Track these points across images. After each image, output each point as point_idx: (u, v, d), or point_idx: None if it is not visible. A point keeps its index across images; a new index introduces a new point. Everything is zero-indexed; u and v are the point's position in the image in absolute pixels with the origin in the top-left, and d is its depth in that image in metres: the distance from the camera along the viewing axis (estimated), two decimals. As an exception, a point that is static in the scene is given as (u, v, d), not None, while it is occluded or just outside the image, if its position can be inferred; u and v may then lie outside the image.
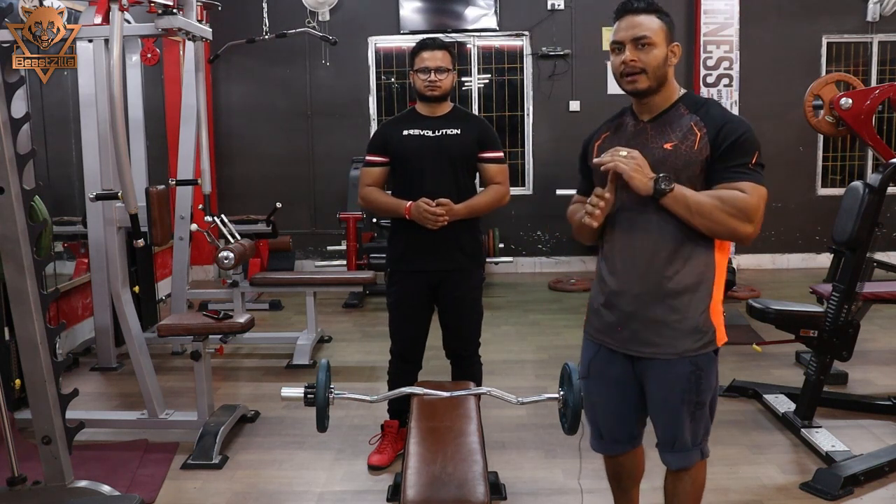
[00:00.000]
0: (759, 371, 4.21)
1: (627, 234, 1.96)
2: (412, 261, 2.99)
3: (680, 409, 1.99)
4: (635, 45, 1.89)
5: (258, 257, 5.77)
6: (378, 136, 3.06)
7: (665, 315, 1.94)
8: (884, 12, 6.97)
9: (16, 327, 2.52)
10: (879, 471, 2.92)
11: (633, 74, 1.90)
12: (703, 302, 1.95)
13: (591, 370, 2.11)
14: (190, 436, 3.31)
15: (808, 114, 4.91)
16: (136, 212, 3.15)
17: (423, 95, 2.95)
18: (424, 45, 2.93)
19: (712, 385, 2.01)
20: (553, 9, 7.06)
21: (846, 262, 3.31)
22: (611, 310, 2.02)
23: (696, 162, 1.89)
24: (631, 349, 2.01)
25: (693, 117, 1.92)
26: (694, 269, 1.93)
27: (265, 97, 7.34)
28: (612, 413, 2.15)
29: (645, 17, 1.90)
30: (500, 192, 3.00)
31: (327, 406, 2.28)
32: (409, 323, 3.07)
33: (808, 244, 7.33)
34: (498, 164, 3.01)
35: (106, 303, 4.21)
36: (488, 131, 3.04)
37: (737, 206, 1.83)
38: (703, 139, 1.89)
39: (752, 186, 1.85)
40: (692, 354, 1.95)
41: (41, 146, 4.35)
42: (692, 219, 1.86)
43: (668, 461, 2.10)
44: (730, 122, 1.90)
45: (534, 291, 6.56)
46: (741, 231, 1.86)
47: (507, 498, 2.83)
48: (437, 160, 2.92)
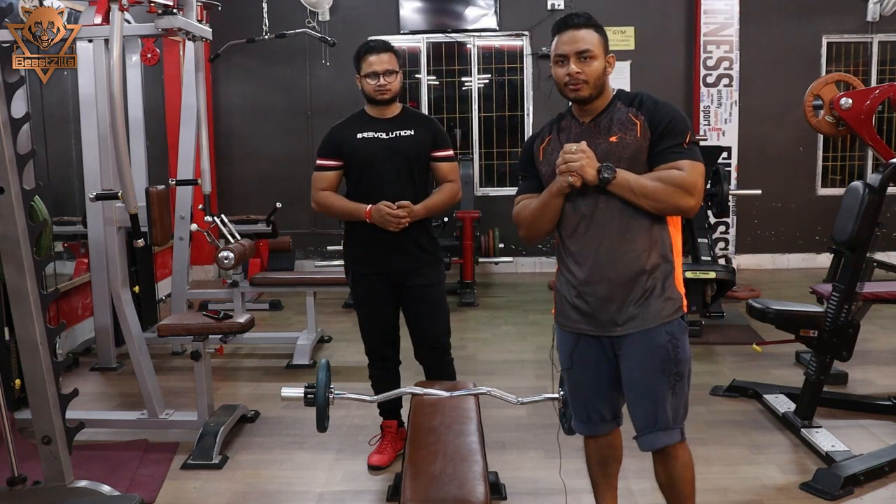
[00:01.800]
0: (759, 371, 4.21)
1: (587, 225, 2.08)
2: (373, 262, 3.00)
3: (661, 382, 2.09)
4: (578, 58, 2.04)
5: (258, 257, 5.77)
6: (329, 139, 3.04)
7: (638, 291, 2.06)
8: (884, 12, 6.97)
9: (16, 327, 2.52)
10: (879, 471, 2.92)
11: (577, 84, 2.04)
12: (669, 272, 2.10)
13: (574, 360, 2.20)
14: (190, 436, 3.31)
15: (808, 114, 4.91)
16: (136, 212, 3.15)
17: (372, 99, 2.96)
18: (370, 49, 2.94)
19: (688, 355, 2.13)
20: (553, 9, 7.06)
21: (846, 262, 3.31)
22: (584, 299, 2.11)
23: (642, 149, 2.05)
24: (611, 331, 2.10)
25: (629, 109, 2.08)
26: (655, 245, 2.07)
27: (265, 97, 7.34)
28: (598, 394, 2.24)
29: (585, 31, 2.05)
30: (454, 190, 3.05)
31: (327, 406, 2.29)
32: (377, 322, 3.08)
33: (808, 244, 7.33)
34: (450, 161, 3.06)
35: (106, 303, 4.21)
36: (440, 131, 3.08)
37: (676, 183, 2.00)
38: (643, 126, 2.05)
39: (689, 163, 2.02)
40: (667, 321, 2.08)
41: (41, 146, 4.35)
42: (638, 200, 2.01)
43: (651, 442, 2.14)
44: (661, 107, 2.07)
45: (534, 291, 6.56)
46: (684, 205, 2.02)
47: (507, 498, 2.83)
48: (394, 162, 2.94)
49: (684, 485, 2.18)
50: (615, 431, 2.32)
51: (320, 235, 7.33)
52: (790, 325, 3.43)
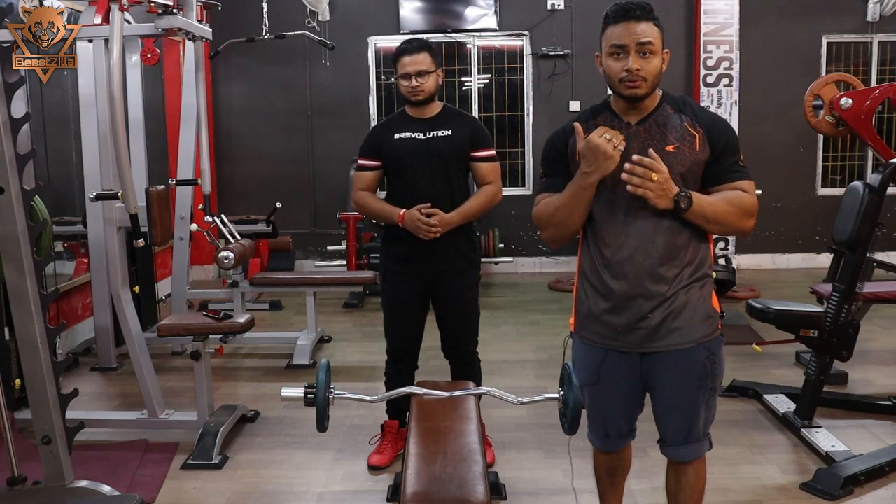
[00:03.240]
0: (759, 371, 4.21)
1: (633, 237, 1.94)
2: (407, 262, 2.98)
3: (697, 398, 2.02)
4: (639, 52, 1.87)
5: (258, 257, 5.77)
6: (370, 139, 3.06)
7: (680, 308, 1.96)
8: (884, 12, 6.96)
9: (16, 327, 2.52)
10: (879, 471, 2.92)
11: (635, 81, 1.88)
12: (707, 289, 2.02)
13: (602, 376, 2.07)
14: (190, 436, 3.31)
15: (808, 114, 4.91)
16: (136, 212, 3.15)
17: (408, 100, 2.96)
18: (404, 51, 2.92)
19: (723, 370, 2.07)
20: (553, 9, 7.07)
21: (846, 262, 3.31)
22: (618, 314, 1.98)
23: (699, 163, 1.94)
24: (646, 347, 2.00)
25: (683, 117, 1.95)
26: (696, 262, 1.99)
27: (265, 97, 7.34)
28: (621, 412, 2.16)
29: (646, 24, 1.88)
30: (492, 193, 2.99)
31: (327, 406, 2.28)
32: (403, 324, 3.07)
33: (808, 244, 7.33)
34: (490, 162, 3.01)
35: (106, 303, 4.21)
36: (480, 130, 3.04)
37: (744, 207, 1.93)
38: (702, 140, 1.93)
39: (748, 184, 1.95)
40: (706, 340, 2.00)
41: (41, 146, 4.35)
42: (708, 226, 1.93)
43: (682, 454, 2.10)
44: (718, 121, 1.99)
45: (534, 291, 6.55)
46: (747, 227, 1.97)
47: (507, 498, 2.83)
48: (430, 162, 2.92)
49: (692, 495, 2.13)
50: (628, 446, 2.26)
51: (320, 235, 7.34)
52: (790, 325, 3.43)
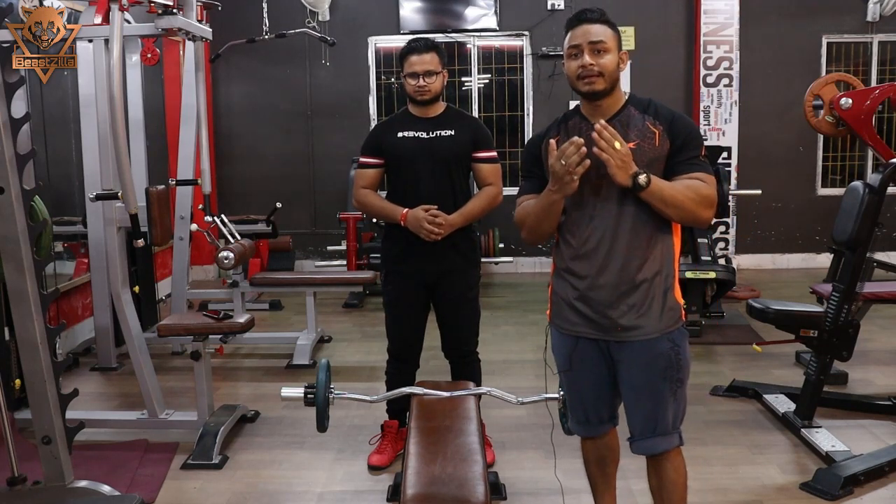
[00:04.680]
0: (759, 371, 4.21)
1: (596, 227, 2.04)
2: (408, 262, 2.98)
3: (662, 389, 2.08)
4: (592, 50, 2.01)
5: (258, 257, 5.77)
6: (372, 137, 3.06)
7: (643, 299, 2.04)
8: (884, 12, 6.97)
9: (16, 327, 2.52)
10: (879, 471, 2.92)
11: (591, 76, 2.00)
12: (670, 281, 2.09)
13: (573, 362, 2.18)
14: (190, 436, 3.31)
15: (808, 114, 4.91)
16: (136, 212, 3.15)
17: (413, 99, 2.96)
18: (411, 49, 2.93)
19: (688, 361, 2.12)
20: (553, 9, 7.06)
21: (846, 262, 3.31)
22: (586, 302, 2.08)
23: (660, 158, 2.03)
24: (612, 336, 2.08)
25: (646, 116, 2.05)
26: (662, 253, 2.06)
27: (265, 97, 7.34)
28: (597, 396, 2.23)
29: (599, 26, 2.04)
30: (493, 194, 3.00)
31: (327, 406, 2.29)
32: (404, 323, 3.07)
33: (808, 244, 7.33)
34: (491, 164, 3.01)
35: (106, 303, 4.21)
36: (482, 131, 3.04)
37: (701, 194, 1.99)
38: (661, 136, 2.02)
39: (707, 176, 2.02)
40: (669, 331, 2.07)
41: (41, 146, 4.35)
42: (666, 209, 1.98)
43: (650, 447, 2.14)
44: (678, 117, 2.06)
45: (534, 291, 6.55)
46: (704, 216, 2.02)
47: (507, 498, 2.83)
48: (431, 162, 2.92)
49: (675, 489, 2.16)
50: (612, 432, 2.31)
51: (320, 235, 7.34)
52: (790, 325, 3.43)
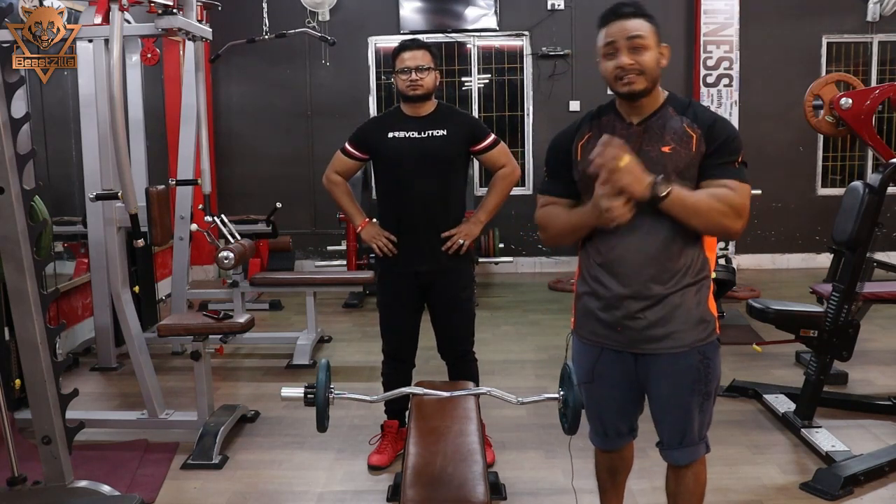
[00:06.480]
0: (759, 371, 4.21)
1: (627, 237, 1.92)
2: (402, 262, 2.99)
3: (690, 402, 2.02)
4: (630, 48, 1.87)
5: (258, 257, 5.77)
6: (362, 132, 3.04)
7: (672, 311, 1.94)
8: (884, 12, 6.97)
9: (16, 327, 2.52)
10: (879, 471, 2.92)
11: (630, 76, 1.87)
12: (704, 293, 1.99)
13: (596, 375, 2.08)
14: (190, 436, 3.31)
15: (808, 114, 4.91)
16: (136, 212, 3.15)
17: (406, 96, 2.94)
18: (404, 46, 2.93)
19: (718, 374, 2.05)
20: (553, 9, 7.07)
21: (846, 262, 3.31)
22: (611, 312, 1.98)
23: (695, 164, 1.90)
24: (638, 348, 1.99)
25: (683, 119, 1.92)
26: (693, 264, 1.96)
27: (265, 97, 7.34)
28: (618, 410, 2.16)
29: (636, 20, 1.89)
30: (507, 174, 3.02)
31: (327, 406, 2.28)
32: (399, 323, 3.08)
33: (808, 244, 7.33)
34: (495, 147, 3.01)
35: (106, 303, 4.21)
36: (476, 124, 3.05)
37: (728, 203, 1.85)
38: (698, 140, 1.90)
39: (738, 184, 1.88)
40: (700, 344, 1.98)
41: (41, 146, 4.35)
42: (689, 219, 1.86)
43: (677, 458, 2.10)
44: (719, 121, 1.94)
45: (534, 291, 6.55)
46: (731, 227, 1.88)
47: (507, 498, 2.83)
48: (423, 162, 2.91)
49: (691, 499, 2.13)
50: (628, 445, 2.26)
51: (320, 235, 7.34)
52: (790, 325, 3.43)
